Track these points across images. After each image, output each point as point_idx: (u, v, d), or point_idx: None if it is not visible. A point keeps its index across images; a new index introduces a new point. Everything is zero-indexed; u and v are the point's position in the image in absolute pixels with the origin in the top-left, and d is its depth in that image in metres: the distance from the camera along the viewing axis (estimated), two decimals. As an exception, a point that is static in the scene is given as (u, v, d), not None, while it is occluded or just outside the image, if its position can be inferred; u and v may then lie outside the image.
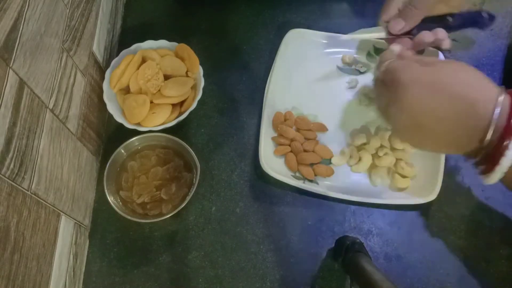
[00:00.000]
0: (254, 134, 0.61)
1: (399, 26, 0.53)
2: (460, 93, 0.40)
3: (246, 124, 0.62)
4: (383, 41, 0.65)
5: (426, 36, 0.53)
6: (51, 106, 0.47)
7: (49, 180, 0.46)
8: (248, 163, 0.60)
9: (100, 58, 0.62)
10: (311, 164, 0.58)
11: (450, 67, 0.44)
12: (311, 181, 0.58)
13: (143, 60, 0.61)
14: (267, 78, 0.63)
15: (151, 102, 0.59)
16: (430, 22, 0.55)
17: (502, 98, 0.39)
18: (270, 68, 0.64)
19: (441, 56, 0.63)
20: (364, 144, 0.60)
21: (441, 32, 0.53)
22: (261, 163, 0.57)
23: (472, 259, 0.54)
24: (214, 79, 0.64)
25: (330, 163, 0.59)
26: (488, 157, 0.40)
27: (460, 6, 0.54)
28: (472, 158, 0.42)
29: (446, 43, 0.54)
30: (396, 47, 0.53)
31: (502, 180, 0.41)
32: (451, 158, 0.57)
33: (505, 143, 0.38)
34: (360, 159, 0.59)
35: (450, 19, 0.56)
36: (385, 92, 0.46)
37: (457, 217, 0.56)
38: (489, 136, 0.39)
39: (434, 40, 0.53)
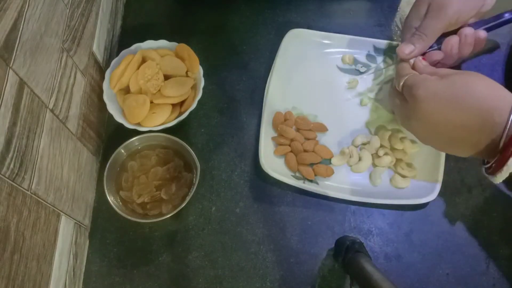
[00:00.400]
0: (254, 134, 0.61)
1: (408, 49, 0.55)
2: (475, 105, 0.44)
3: (246, 124, 0.62)
4: (382, 41, 0.65)
5: (435, 55, 0.56)
6: (51, 106, 0.47)
7: (49, 180, 0.46)
8: (248, 163, 0.60)
9: (100, 58, 0.62)
10: (311, 164, 0.58)
11: (464, 79, 0.46)
12: (311, 181, 0.58)
13: (143, 60, 0.61)
14: (267, 78, 0.63)
15: (151, 102, 0.59)
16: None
17: None
18: (270, 68, 0.64)
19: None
20: (364, 144, 0.60)
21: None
22: (261, 163, 0.57)
23: (472, 259, 0.54)
24: (214, 79, 0.64)
25: (330, 163, 0.59)
26: (497, 158, 0.43)
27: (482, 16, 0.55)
28: (485, 158, 0.46)
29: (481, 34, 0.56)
30: (406, 51, 0.55)
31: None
32: (451, 158, 0.57)
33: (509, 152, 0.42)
34: (360, 159, 0.59)
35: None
36: (405, 105, 0.50)
37: (457, 217, 0.56)
38: (503, 141, 0.42)
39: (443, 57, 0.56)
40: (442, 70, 0.50)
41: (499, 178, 0.44)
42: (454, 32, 0.56)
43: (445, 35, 0.56)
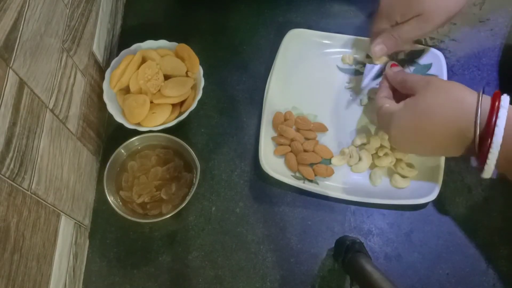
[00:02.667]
0: (254, 134, 0.61)
1: (381, 52, 0.58)
2: (440, 131, 0.46)
3: (246, 124, 0.62)
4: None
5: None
6: (51, 106, 0.47)
7: (49, 180, 0.46)
8: (248, 163, 0.60)
9: (100, 58, 0.62)
10: (311, 164, 0.58)
11: (426, 104, 0.48)
12: (311, 181, 0.58)
13: (143, 60, 0.61)
14: (267, 78, 0.63)
15: (151, 102, 0.59)
16: None
17: (481, 101, 0.44)
18: (270, 68, 0.64)
19: (440, 56, 0.63)
20: (364, 144, 0.60)
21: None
22: (261, 163, 0.57)
23: (472, 259, 0.54)
24: (214, 79, 0.64)
25: (330, 163, 0.59)
26: (479, 155, 0.44)
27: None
28: (470, 157, 0.46)
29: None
30: (378, 48, 0.57)
31: (502, 171, 0.45)
32: (451, 158, 0.57)
33: (488, 141, 0.42)
34: (360, 159, 0.59)
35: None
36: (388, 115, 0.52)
37: (457, 217, 0.56)
38: (477, 139, 0.43)
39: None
40: (409, 81, 0.52)
41: (487, 173, 0.45)
42: None
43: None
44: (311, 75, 0.65)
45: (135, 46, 0.62)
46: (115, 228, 0.56)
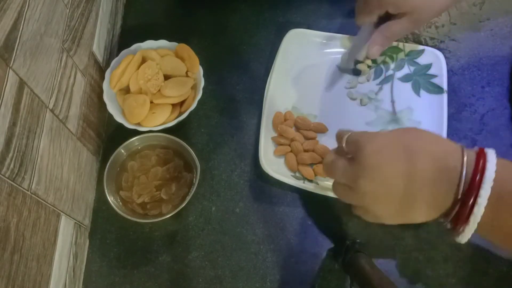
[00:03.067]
0: (254, 134, 0.61)
1: (378, 52, 0.59)
2: (426, 150, 0.40)
3: (246, 124, 0.62)
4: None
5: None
6: (51, 106, 0.47)
7: (49, 180, 0.46)
8: (248, 163, 0.60)
9: (100, 58, 0.62)
10: (311, 164, 0.58)
11: (412, 130, 0.43)
12: (311, 181, 0.58)
13: (143, 60, 0.61)
14: (267, 78, 0.63)
15: (151, 102, 0.59)
16: None
17: (466, 153, 0.38)
18: (270, 68, 0.64)
19: (440, 56, 0.63)
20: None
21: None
22: (261, 163, 0.57)
23: (472, 259, 0.54)
24: (214, 79, 0.64)
25: None
26: (459, 209, 0.38)
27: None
28: (446, 218, 0.40)
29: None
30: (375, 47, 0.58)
31: (480, 234, 0.39)
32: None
33: (471, 201, 0.37)
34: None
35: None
36: (351, 165, 0.42)
37: (457, 217, 0.56)
38: (462, 187, 0.37)
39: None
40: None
41: (467, 234, 0.38)
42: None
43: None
44: (311, 75, 0.65)
45: (135, 46, 0.63)
46: (115, 228, 0.56)
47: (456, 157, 0.38)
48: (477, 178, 0.37)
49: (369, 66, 0.65)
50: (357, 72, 0.65)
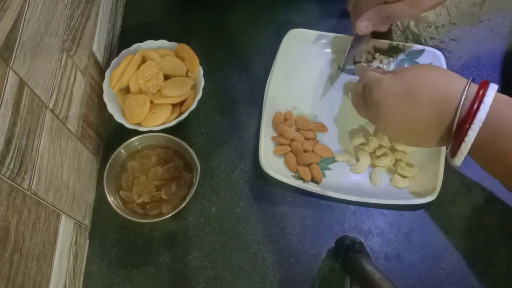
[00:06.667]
0: (254, 134, 0.61)
1: (366, 29, 0.57)
2: (428, 97, 0.45)
3: (246, 124, 0.62)
4: (382, 41, 0.65)
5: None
6: (51, 106, 0.47)
7: (49, 180, 0.46)
8: (248, 163, 0.60)
9: (100, 58, 0.62)
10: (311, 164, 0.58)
11: (415, 73, 0.48)
12: (310, 181, 0.58)
13: (143, 60, 0.61)
14: (267, 78, 0.63)
15: (151, 102, 0.59)
16: None
17: (467, 88, 0.44)
18: (270, 68, 0.64)
19: (440, 56, 0.63)
20: (363, 144, 0.60)
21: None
22: (261, 163, 0.57)
23: (472, 259, 0.54)
24: (214, 79, 0.64)
25: (334, 161, 0.59)
26: (453, 140, 0.44)
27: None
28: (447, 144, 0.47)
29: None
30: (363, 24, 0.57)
31: (477, 162, 0.46)
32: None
33: (466, 125, 0.43)
34: (359, 160, 0.59)
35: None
36: (368, 107, 0.52)
37: (457, 217, 0.56)
38: (456, 121, 0.43)
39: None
40: (398, 69, 0.53)
41: (458, 160, 0.45)
42: None
43: None
44: (311, 75, 0.65)
45: (135, 46, 0.62)
46: (115, 228, 0.56)
47: (456, 99, 0.43)
48: (474, 107, 0.42)
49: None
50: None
